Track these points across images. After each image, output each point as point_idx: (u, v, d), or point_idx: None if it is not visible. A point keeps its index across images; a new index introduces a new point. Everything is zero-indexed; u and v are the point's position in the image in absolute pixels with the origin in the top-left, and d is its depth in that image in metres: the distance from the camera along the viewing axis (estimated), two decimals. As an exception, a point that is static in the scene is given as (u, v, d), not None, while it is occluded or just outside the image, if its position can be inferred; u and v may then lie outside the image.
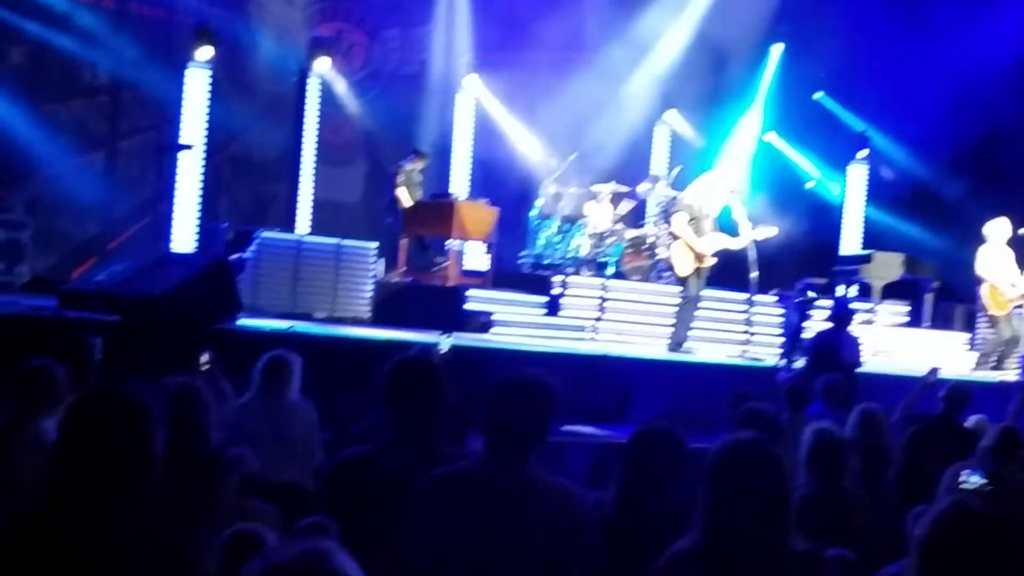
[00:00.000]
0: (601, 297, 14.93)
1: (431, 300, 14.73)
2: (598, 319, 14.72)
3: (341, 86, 18.32)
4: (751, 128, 20.23)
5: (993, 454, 6.67)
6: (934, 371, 9.57)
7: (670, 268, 14.00)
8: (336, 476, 4.84)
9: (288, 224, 16.93)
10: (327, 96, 17.71)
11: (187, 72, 15.47)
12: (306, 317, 13.47)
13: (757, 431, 5.23)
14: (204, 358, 7.59)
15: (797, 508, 5.27)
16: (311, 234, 16.23)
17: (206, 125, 15.55)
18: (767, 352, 13.79)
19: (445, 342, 9.46)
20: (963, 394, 8.84)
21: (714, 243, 13.27)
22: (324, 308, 14.19)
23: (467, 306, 14.10)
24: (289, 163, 17.46)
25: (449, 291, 14.88)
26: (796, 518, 4.03)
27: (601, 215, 16.37)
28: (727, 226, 13.55)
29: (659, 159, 19.67)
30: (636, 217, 17.35)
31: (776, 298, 14.73)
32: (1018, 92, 17.85)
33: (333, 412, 7.86)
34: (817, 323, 12.95)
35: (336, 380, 9.16)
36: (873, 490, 6.29)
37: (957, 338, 16.25)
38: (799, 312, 13.26)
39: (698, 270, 13.30)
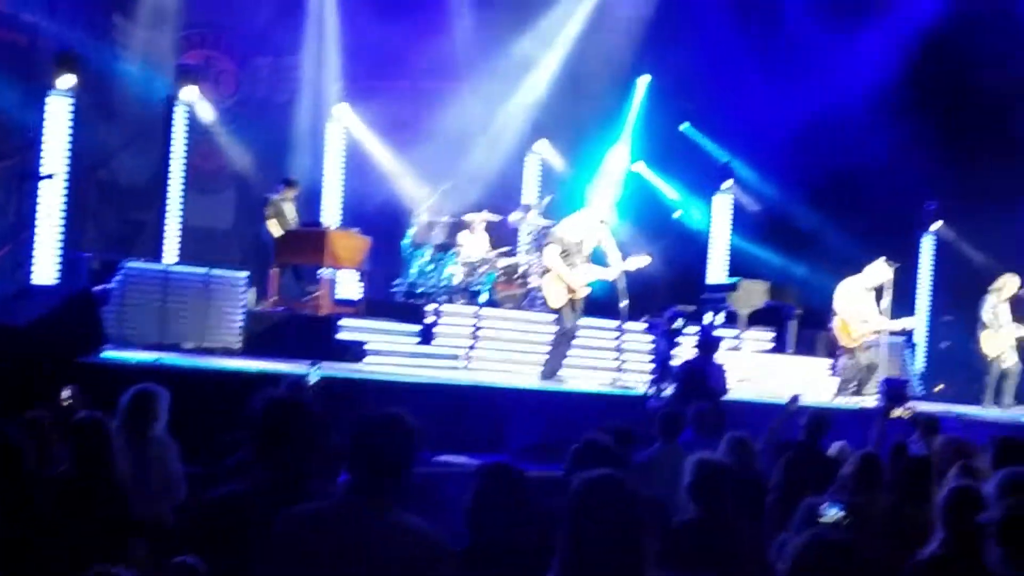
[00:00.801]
0: (474, 326, 14.97)
1: (303, 330, 14.62)
2: (472, 348, 14.75)
3: (209, 114, 18.15)
4: (620, 158, 20.49)
5: (854, 481, 6.83)
6: (795, 398, 9.77)
7: (543, 297, 14.10)
8: (205, 515, 4.79)
9: (156, 252, 16.68)
10: (196, 123, 17.53)
11: (48, 100, 15.19)
12: (174, 348, 13.28)
13: (593, 462, 5.33)
14: (66, 392, 7.46)
15: (677, 535, 5.35)
16: (180, 263, 16.01)
17: (68, 153, 15.25)
18: (637, 380, 13.94)
19: (314, 373, 9.42)
20: (824, 421, 9.02)
21: (586, 275, 13.39)
22: (193, 339, 13.98)
23: (339, 336, 14.04)
24: (157, 190, 17.21)
25: (321, 320, 14.79)
26: (676, 545, 4.10)
27: (474, 244, 16.45)
28: (598, 257, 13.69)
29: (530, 188, 19.83)
30: (509, 245, 17.44)
31: (646, 326, 14.91)
32: (872, 125, 18.37)
33: (202, 446, 7.76)
34: (685, 351, 13.14)
35: (205, 412, 9.05)
36: (746, 517, 6.39)
37: (820, 364, 16.62)
38: (668, 340, 13.44)
39: (572, 302, 13.40)
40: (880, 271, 15.05)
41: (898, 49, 19.02)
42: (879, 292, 15.15)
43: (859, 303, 15.04)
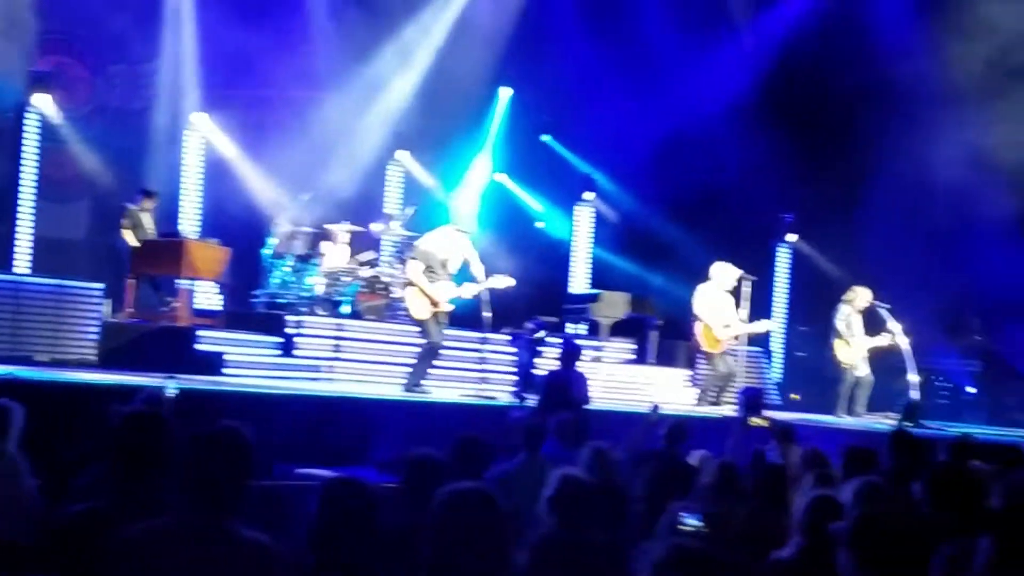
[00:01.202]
0: (336, 336, 14.87)
1: (161, 341, 14.35)
2: (334, 359, 14.65)
3: (62, 121, 17.75)
4: (482, 169, 20.56)
5: (712, 489, 6.93)
6: (656, 408, 9.89)
7: (405, 309, 14.05)
8: (61, 533, 4.67)
9: (7, 263, 16.25)
10: (48, 131, 17.13)
11: None
12: (27, 361, 12.94)
13: (419, 479, 5.34)
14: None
15: (536, 547, 5.36)
16: (32, 274, 15.63)
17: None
18: (501, 391, 13.97)
19: (172, 386, 9.27)
20: (682, 430, 9.14)
21: (449, 291, 13.37)
22: (46, 351, 13.65)
23: (198, 347, 13.83)
24: (7, 200, 16.78)
25: (179, 332, 14.54)
26: (535, 556, 4.11)
27: (336, 254, 16.34)
28: (462, 270, 13.68)
29: (392, 199, 19.78)
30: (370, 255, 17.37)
31: (508, 337, 14.96)
32: (729, 138, 18.70)
33: (56, 460, 7.58)
34: (548, 361, 13.21)
35: (59, 426, 8.85)
36: (610, 528, 6.43)
37: (680, 374, 16.86)
38: (530, 351, 13.51)
39: (435, 315, 13.37)
40: (727, 271, 15.32)
41: (754, 63, 19.44)
42: (736, 297, 15.41)
43: (719, 307, 15.29)
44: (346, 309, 15.83)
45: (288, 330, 14.71)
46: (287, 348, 14.58)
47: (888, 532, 5.16)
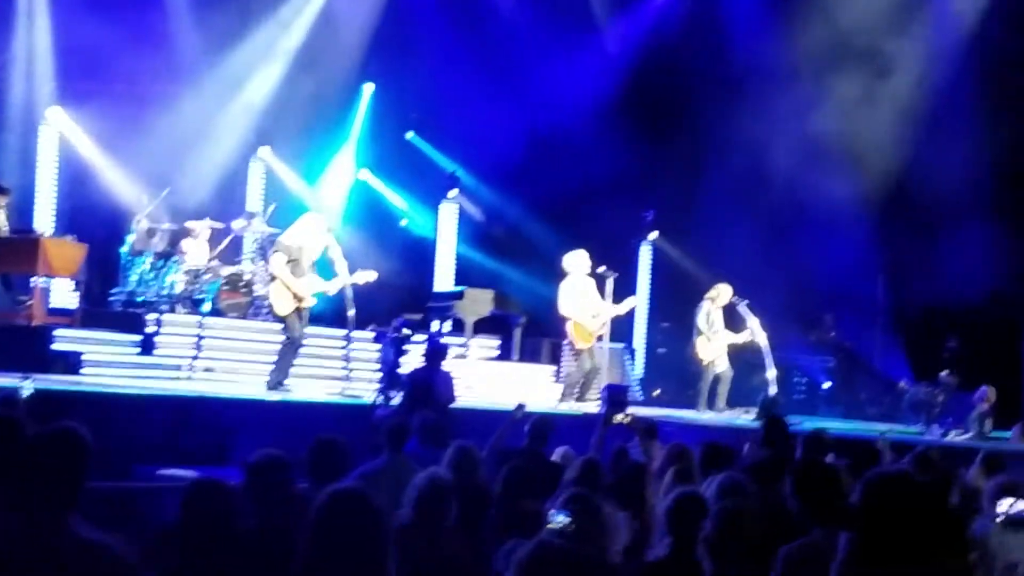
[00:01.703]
0: (198, 335, 14.68)
1: (15, 340, 14.00)
2: (195, 358, 14.46)
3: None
4: (346, 166, 20.43)
5: (575, 486, 6.99)
6: (521, 407, 9.93)
7: (268, 306, 13.92)
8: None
9: None
10: None
11: None
12: None
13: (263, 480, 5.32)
14: None
15: (395, 540, 5.38)
16: None
17: None
18: (366, 389, 13.91)
19: (27, 386, 9.06)
20: (545, 426, 9.19)
21: (312, 285, 13.29)
22: None
23: (55, 346, 13.54)
24: None
25: (35, 331, 14.22)
26: (394, 550, 4.11)
27: (196, 251, 16.11)
28: (325, 265, 13.61)
29: (255, 195, 19.54)
30: (233, 253, 17.16)
31: (373, 335, 14.90)
32: (593, 136, 18.89)
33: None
34: (413, 359, 13.20)
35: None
36: (470, 527, 6.45)
37: (544, 371, 16.97)
38: (395, 349, 13.45)
39: (298, 310, 13.27)
40: (578, 257, 15.43)
41: (615, 62, 19.70)
42: (600, 292, 15.53)
43: (583, 298, 15.40)
44: (207, 307, 15.62)
45: (148, 329, 14.47)
46: (147, 347, 14.35)
47: (749, 528, 5.26)
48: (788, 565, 5.41)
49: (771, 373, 16.61)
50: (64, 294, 16.16)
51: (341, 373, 14.19)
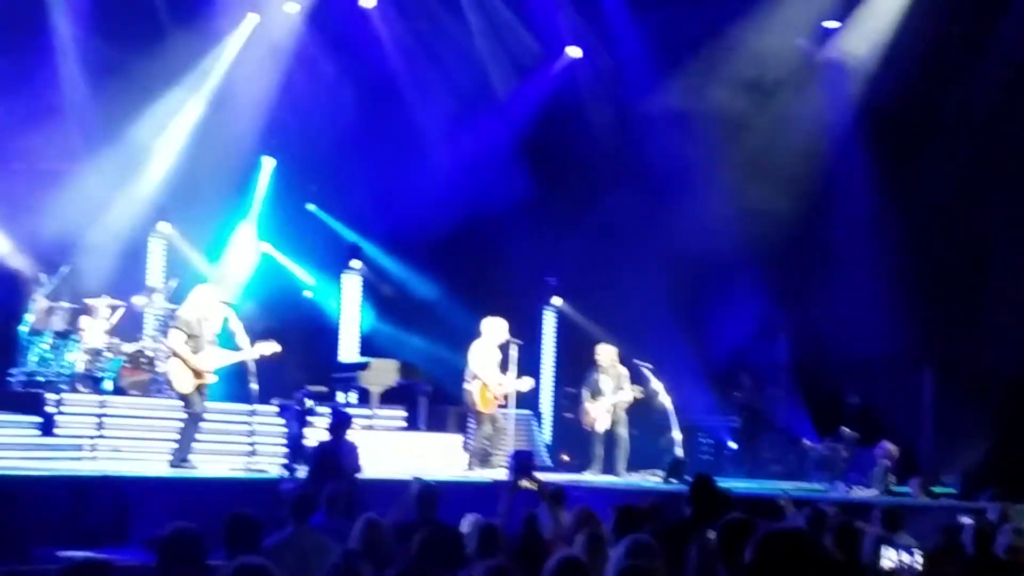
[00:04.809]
0: (99, 414, 14.49)
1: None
2: (97, 436, 14.26)
3: None
4: (247, 239, 20.36)
5: (476, 553, 7.00)
6: (417, 479, 9.79)
7: (168, 382, 13.80)
8: None
9: None
10: None
11: None
12: None
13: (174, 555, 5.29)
14: None
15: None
16: None
17: None
18: (271, 463, 13.81)
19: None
20: (431, 496, 8.97)
21: (213, 360, 13.21)
22: None
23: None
24: None
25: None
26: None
27: (96, 329, 15.93)
28: (226, 338, 13.54)
29: (155, 271, 19.36)
30: (134, 330, 16.97)
31: (277, 408, 14.81)
32: (495, 203, 19.02)
33: None
34: (318, 431, 13.14)
35: None
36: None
37: (452, 439, 16.93)
38: (299, 421, 13.41)
39: (199, 386, 13.18)
40: (497, 325, 15.51)
41: (517, 130, 19.89)
42: (504, 360, 15.60)
43: (492, 364, 15.45)
44: (109, 385, 15.44)
45: (48, 408, 14.26)
46: (47, 427, 14.12)
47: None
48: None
49: (676, 435, 16.75)
50: (-40, 376, 15.86)
51: (246, 448, 14.08)
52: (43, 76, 18.12)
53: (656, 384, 16.45)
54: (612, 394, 16.33)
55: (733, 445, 19.66)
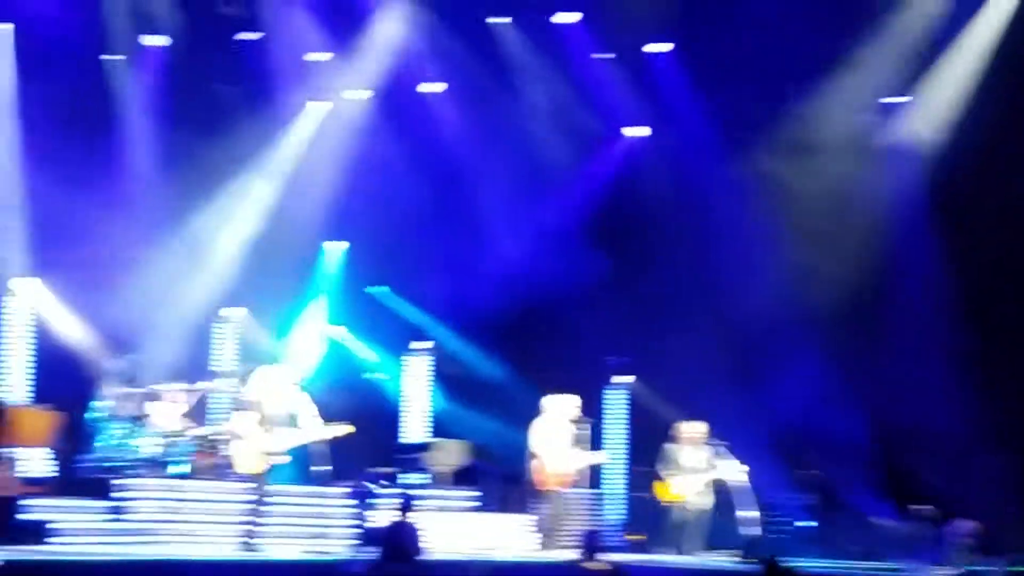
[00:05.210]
0: (169, 498, 14.54)
1: (-19, 512, 13.85)
2: (166, 521, 14.30)
3: None
4: (316, 321, 20.52)
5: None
6: (478, 561, 9.65)
7: (237, 464, 13.84)
8: None
9: None
10: None
11: None
12: None
13: None
14: None
15: None
16: None
17: None
18: (339, 545, 13.77)
19: (-2, 557, 8.97)
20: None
21: (283, 441, 13.24)
22: None
23: (21, 516, 13.37)
24: None
25: (2, 502, 14.06)
26: None
27: (166, 414, 16.05)
28: (295, 421, 13.59)
29: (224, 355, 19.55)
30: (203, 415, 17.09)
31: (345, 490, 14.80)
32: (561, 283, 19.05)
33: None
34: (385, 513, 13.10)
35: None
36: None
37: (521, 520, 16.79)
38: (367, 503, 13.38)
39: (268, 468, 13.21)
40: (560, 401, 15.43)
41: (578, 208, 19.98)
42: (575, 433, 15.49)
43: (553, 441, 15.35)
44: (178, 469, 15.51)
45: (118, 494, 14.33)
46: (117, 512, 14.19)
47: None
48: None
49: (751, 514, 16.51)
50: (36, 462, 16.03)
51: (314, 530, 14.06)
52: (116, 166, 18.54)
53: (732, 463, 16.26)
54: (701, 471, 16.20)
55: (807, 524, 19.34)
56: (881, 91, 18.91)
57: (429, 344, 20.32)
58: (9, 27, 18.10)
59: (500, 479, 17.58)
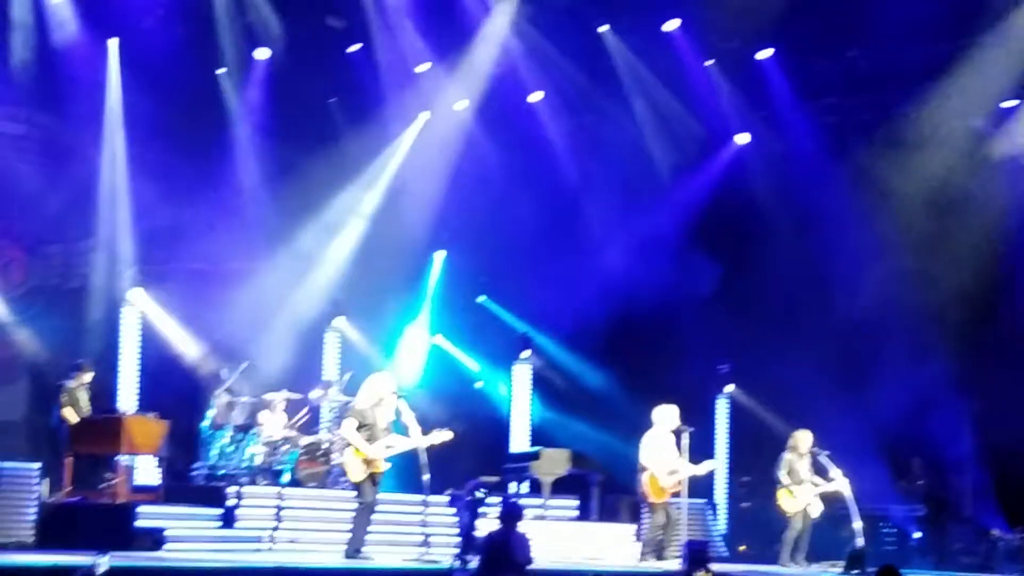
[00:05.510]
0: (277, 506, 14.76)
1: (99, 519, 14.20)
2: (275, 528, 14.51)
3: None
4: (420, 331, 20.68)
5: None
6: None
7: (343, 472, 14.00)
8: None
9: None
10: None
11: None
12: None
13: None
14: None
15: None
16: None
17: None
18: (443, 554, 13.86)
19: (103, 562, 9.16)
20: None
21: (385, 448, 13.36)
22: (-16, 535, 13.46)
23: (138, 523, 13.68)
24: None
25: (119, 508, 14.41)
26: None
27: (274, 423, 16.31)
28: (398, 429, 13.70)
29: (330, 365, 19.79)
30: (310, 423, 17.34)
31: (449, 498, 14.90)
32: (664, 292, 18.98)
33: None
34: (489, 521, 13.15)
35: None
36: None
37: (624, 530, 16.77)
38: (471, 511, 13.44)
39: (371, 476, 13.33)
40: (668, 413, 15.37)
41: (683, 216, 19.88)
42: (678, 442, 15.43)
43: (663, 453, 15.29)
44: (287, 478, 15.75)
45: (229, 502, 14.58)
46: (228, 520, 14.44)
47: None
48: None
49: (857, 524, 16.30)
50: (148, 471, 16.38)
51: (418, 539, 14.15)
52: (225, 181, 18.87)
53: (834, 472, 16.07)
54: (810, 481, 16.05)
55: (918, 535, 19.05)
56: (997, 96, 18.52)
57: (532, 354, 20.35)
58: (115, 41, 18.48)
59: (602, 488, 17.57)
